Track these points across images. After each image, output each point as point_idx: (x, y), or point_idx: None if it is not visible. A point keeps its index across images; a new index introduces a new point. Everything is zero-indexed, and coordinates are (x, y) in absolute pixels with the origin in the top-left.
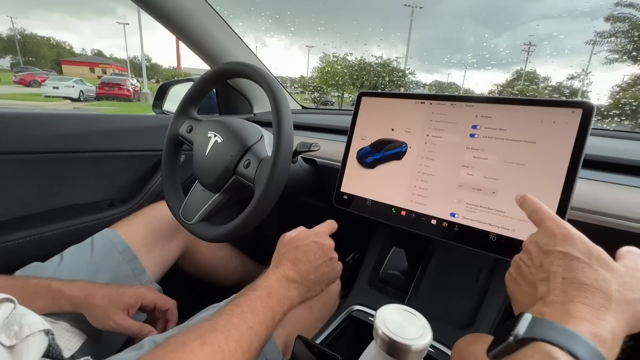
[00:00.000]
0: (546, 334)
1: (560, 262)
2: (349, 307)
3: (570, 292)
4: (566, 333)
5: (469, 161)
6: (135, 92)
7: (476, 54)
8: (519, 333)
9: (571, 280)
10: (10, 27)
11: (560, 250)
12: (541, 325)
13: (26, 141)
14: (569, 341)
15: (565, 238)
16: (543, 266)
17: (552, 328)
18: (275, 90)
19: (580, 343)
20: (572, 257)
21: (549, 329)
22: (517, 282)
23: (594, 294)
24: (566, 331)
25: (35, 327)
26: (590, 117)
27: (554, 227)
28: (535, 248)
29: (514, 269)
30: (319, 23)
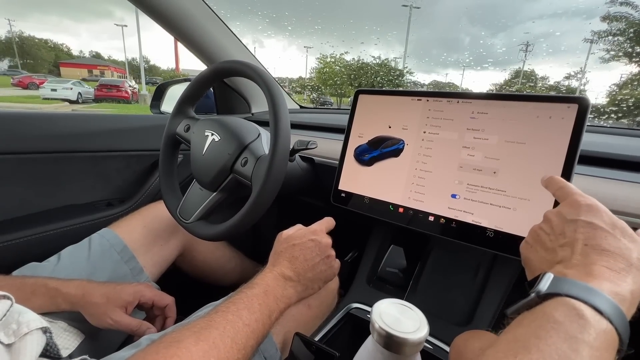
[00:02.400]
0: (570, 290)
1: (584, 230)
2: (347, 304)
3: (592, 256)
4: (588, 290)
5: (470, 142)
6: (134, 93)
7: (473, 53)
8: (541, 289)
9: (593, 247)
10: (8, 30)
11: (584, 220)
12: (564, 283)
13: (23, 141)
14: (591, 296)
15: (590, 209)
16: (565, 233)
17: (575, 285)
18: (272, 88)
19: (602, 299)
20: (596, 227)
21: (572, 286)
22: (534, 249)
23: (615, 259)
24: (589, 288)
25: (33, 325)
26: (586, 112)
27: (580, 199)
28: (557, 217)
29: (531, 237)
30: (316, 22)
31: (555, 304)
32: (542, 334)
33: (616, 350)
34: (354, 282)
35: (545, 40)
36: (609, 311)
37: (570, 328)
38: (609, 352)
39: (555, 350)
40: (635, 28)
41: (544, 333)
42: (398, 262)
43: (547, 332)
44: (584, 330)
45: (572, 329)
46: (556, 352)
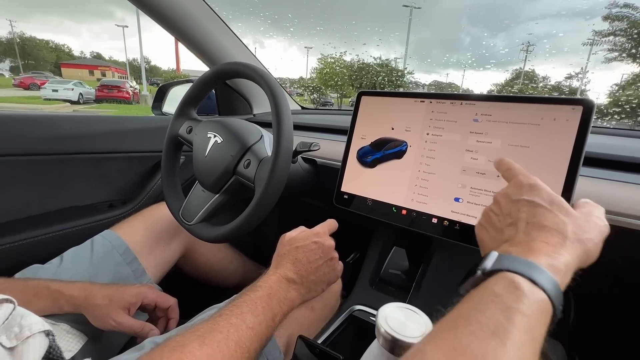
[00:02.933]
0: (510, 266)
1: (526, 209)
2: (350, 307)
3: (532, 233)
4: (527, 264)
5: (473, 145)
6: (135, 94)
7: (474, 54)
8: (486, 267)
9: (534, 224)
10: (10, 31)
11: (526, 199)
12: (506, 259)
13: (26, 143)
14: (528, 270)
15: (531, 188)
16: (511, 213)
17: (515, 261)
18: (275, 89)
19: (538, 271)
20: (536, 205)
21: (513, 261)
22: (486, 230)
23: (552, 234)
24: (527, 262)
25: (35, 328)
26: (591, 114)
27: (523, 179)
28: (504, 198)
29: (484, 218)
30: (318, 23)
31: (497, 279)
32: (482, 307)
33: (550, 316)
34: (357, 284)
35: (547, 41)
36: (543, 282)
37: (507, 299)
38: (542, 319)
39: (492, 320)
40: (638, 28)
41: (484, 306)
42: (401, 264)
43: (487, 305)
44: (519, 301)
45: (508, 300)
46: (492, 322)
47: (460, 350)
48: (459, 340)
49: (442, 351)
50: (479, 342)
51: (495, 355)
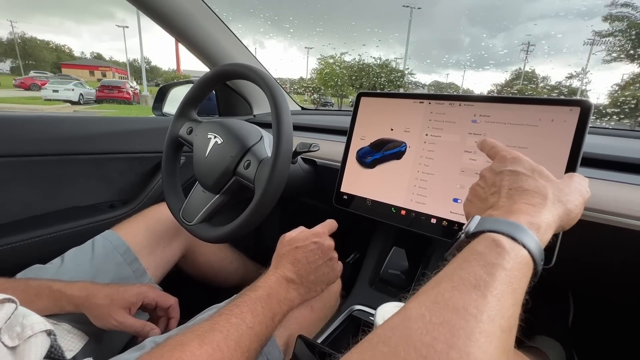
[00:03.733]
0: (491, 226)
1: (508, 178)
2: (350, 306)
3: (514, 197)
4: (507, 223)
5: (472, 146)
6: (135, 94)
7: (474, 54)
8: (470, 229)
9: (516, 189)
10: (11, 31)
11: (509, 169)
12: (487, 221)
13: (27, 144)
14: (509, 228)
15: (514, 160)
16: (495, 183)
17: (497, 222)
18: (275, 90)
19: (519, 229)
20: (519, 173)
21: (494, 222)
22: (473, 204)
23: (533, 196)
24: (508, 222)
25: (37, 327)
26: (588, 115)
27: (506, 154)
28: (489, 172)
29: (471, 194)
30: (318, 24)
31: (479, 239)
32: (465, 265)
33: (532, 270)
34: (356, 284)
35: (546, 42)
36: (523, 239)
37: (489, 256)
38: (523, 272)
39: (474, 275)
40: (637, 29)
41: (466, 264)
42: (400, 264)
43: (469, 263)
44: (500, 257)
45: (490, 257)
46: (474, 277)
47: (442, 304)
48: (441, 295)
49: (425, 305)
50: (460, 295)
51: (476, 305)
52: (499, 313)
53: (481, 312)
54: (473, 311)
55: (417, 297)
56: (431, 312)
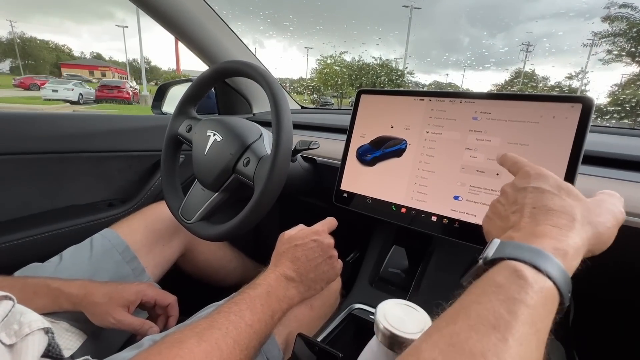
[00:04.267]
0: (512, 253)
1: (532, 195)
2: (350, 305)
3: (538, 217)
4: (530, 250)
5: (472, 143)
6: (135, 94)
7: (473, 54)
8: (488, 255)
9: (540, 208)
10: (10, 31)
11: (533, 186)
12: (508, 246)
13: (25, 142)
14: (532, 256)
15: (538, 176)
16: (517, 201)
17: (518, 247)
18: (274, 88)
19: (543, 257)
20: (543, 190)
21: (515, 248)
22: (493, 221)
23: (559, 216)
24: (530, 248)
25: (35, 325)
26: (590, 111)
27: (529, 170)
28: (511, 188)
29: (491, 210)
30: (318, 22)
31: (499, 268)
32: (483, 299)
33: (557, 304)
34: (356, 282)
35: (547, 41)
36: (549, 268)
37: (510, 290)
38: (548, 308)
39: (493, 313)
40: (637, 28)
41: (485, 298)
42: (400, 263)
43: (488, 297)
44: (522, 290)
45: (511, 291)
46: (493, 316)
47: (458, 347)
48: (457, 336)
49: (439, 348)
50: (478, 337)
51: (495, 352)
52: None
53: (501, 359)
54: (492, 359)
55: (430, 335)
56: (445, 356)
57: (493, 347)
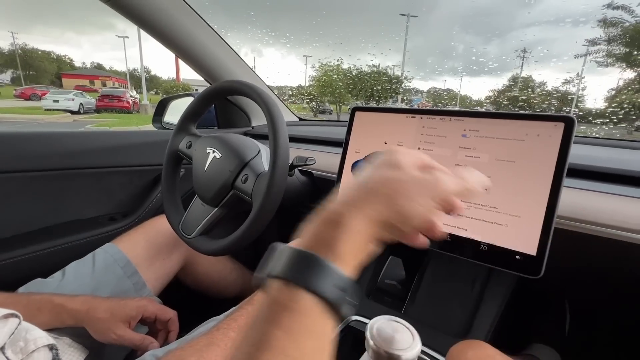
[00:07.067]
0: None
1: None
2: (347, 317)
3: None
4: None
5: (462, 160)
6: (135, 103)
7: (470, 61)
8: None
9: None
10: (12, 43)
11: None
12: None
13: (27, 160)
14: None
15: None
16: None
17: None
18: (271, 107)
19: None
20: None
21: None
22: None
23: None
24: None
25: (40, 342)
26: (572, 130)
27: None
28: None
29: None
30: (314, 39)
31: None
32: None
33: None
34: None
35: (542, 47)
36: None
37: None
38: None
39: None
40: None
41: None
42: (397, 274)
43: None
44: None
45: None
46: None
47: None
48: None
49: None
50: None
51: None
52: None
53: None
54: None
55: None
56: None
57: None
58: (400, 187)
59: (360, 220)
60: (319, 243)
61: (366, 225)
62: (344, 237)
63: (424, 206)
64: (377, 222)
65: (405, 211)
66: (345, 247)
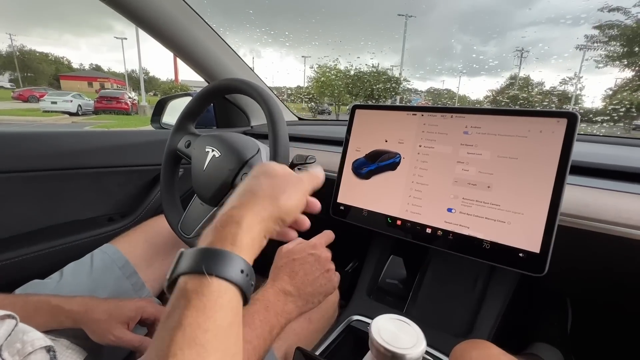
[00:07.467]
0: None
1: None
2: (348, 317)
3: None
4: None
5: (464, 157)
6: (134, 105)
7: (467, 60)
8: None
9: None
10: (10, 44)
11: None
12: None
13: (25, 159)
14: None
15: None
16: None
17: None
18: (271, 105)
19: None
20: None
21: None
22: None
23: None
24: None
25: (37, 344)
26: (575, 126)
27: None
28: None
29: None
30: (313, 38)
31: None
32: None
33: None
34: (355, 293)
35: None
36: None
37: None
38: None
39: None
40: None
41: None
42: (398, 273)
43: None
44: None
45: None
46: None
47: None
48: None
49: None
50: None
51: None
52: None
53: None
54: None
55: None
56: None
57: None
58: (279, 188)
59: (252, 218)
60: (222, 240)
61: (258, 222)
62: (241, 232)
63: (299, 199)
64: (266, 218)
65: (286, 205)
66: (243, 241)
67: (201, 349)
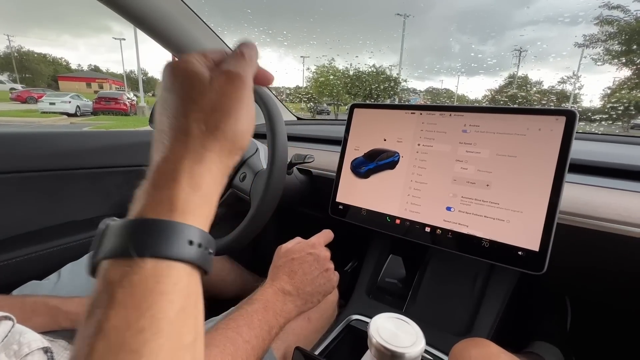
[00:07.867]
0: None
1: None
2: (348, 316)
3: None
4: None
5: (463, 155)
6: (132, 105)
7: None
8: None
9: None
10: (8, 45)
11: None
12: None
13: (23, 160)
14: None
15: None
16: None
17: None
18: (270, 105)
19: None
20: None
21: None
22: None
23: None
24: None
25: (34, 345)
26: (574, 124)
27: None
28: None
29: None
30: (311, 37)
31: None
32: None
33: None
34: (354, 293)
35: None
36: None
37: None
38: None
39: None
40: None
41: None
42: (397, 272)
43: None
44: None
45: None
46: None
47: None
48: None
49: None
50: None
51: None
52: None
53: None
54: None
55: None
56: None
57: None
58: (216, 109)
59: (194, 167)
60: (156, 205)
61: (205, 169)
62: (181, 191)
63: (247, 110)
64: (214, 160)
65: (236, 132)
66: (188, 201)
67: (133, 356)
